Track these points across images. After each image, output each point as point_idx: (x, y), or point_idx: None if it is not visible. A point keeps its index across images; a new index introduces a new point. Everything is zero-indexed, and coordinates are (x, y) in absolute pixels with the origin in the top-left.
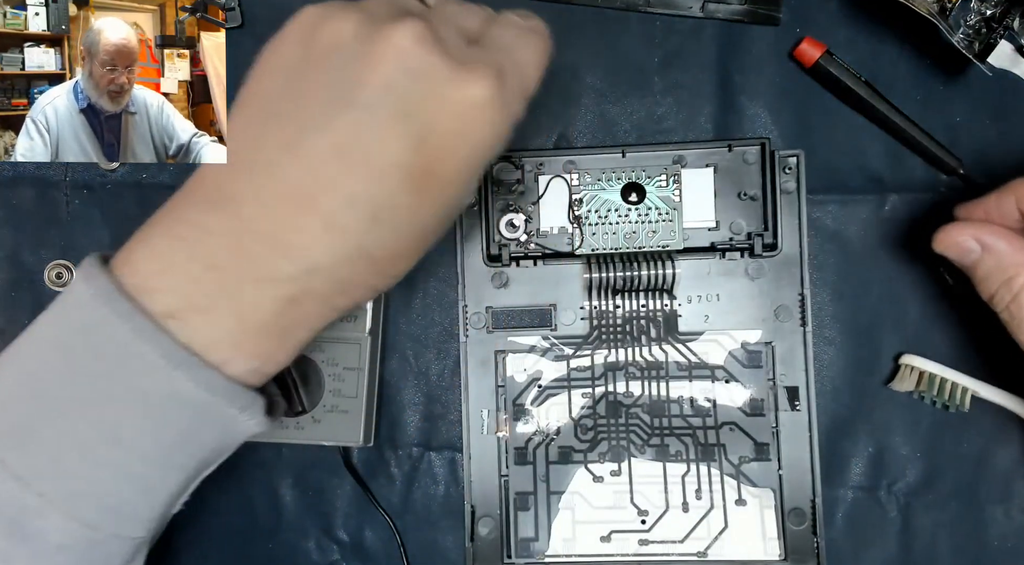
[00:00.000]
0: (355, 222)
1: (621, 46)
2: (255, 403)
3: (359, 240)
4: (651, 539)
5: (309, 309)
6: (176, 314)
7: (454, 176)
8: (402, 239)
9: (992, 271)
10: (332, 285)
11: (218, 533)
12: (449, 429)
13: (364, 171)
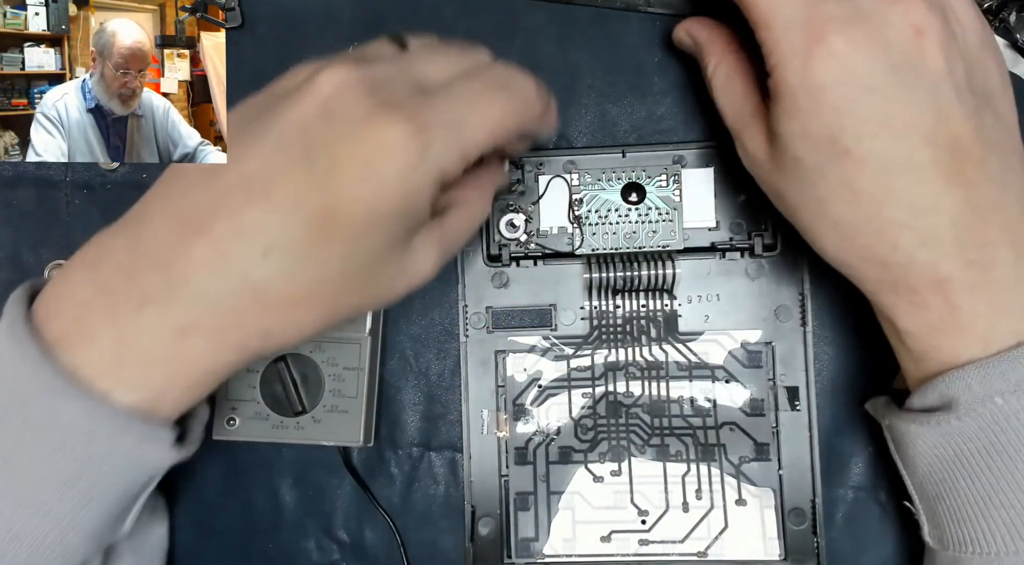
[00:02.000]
0: (243, 252)
1: (621, 46)
2: (155, 435)
3: (245, 272)
4: (651, 539)
5: (197, 344)
6: (64, 340)
7: (357, 222)
8: (296, 282)
9: (702, 62)
10: (218, 318)
11: (218, 533)
12: (449, 429)
13: (262, 203)
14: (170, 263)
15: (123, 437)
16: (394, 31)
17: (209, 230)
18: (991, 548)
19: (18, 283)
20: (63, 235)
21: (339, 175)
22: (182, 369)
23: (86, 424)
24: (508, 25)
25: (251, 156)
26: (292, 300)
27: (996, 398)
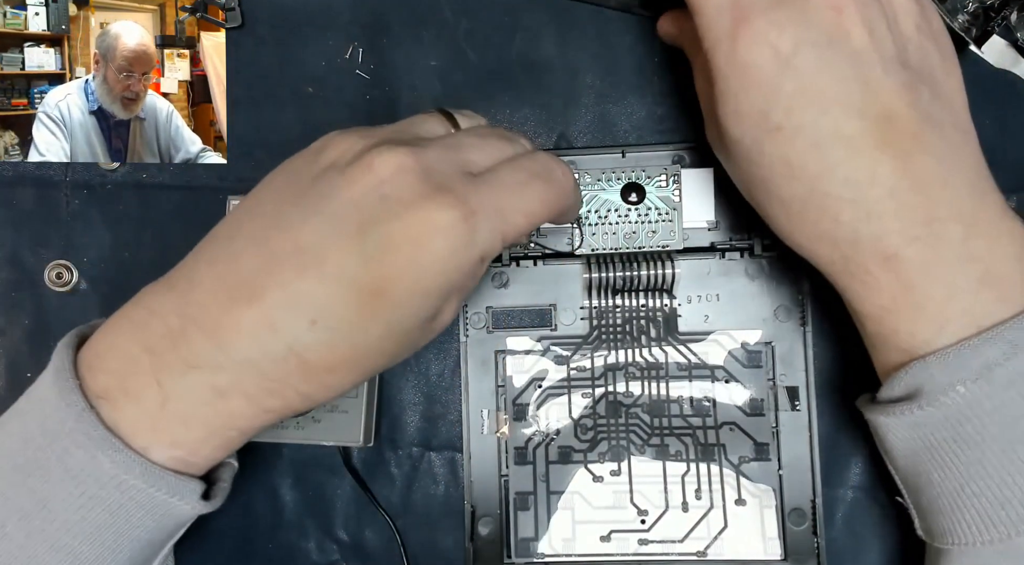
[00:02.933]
0: (292, 322)
1: (621, 46)
2: (185, 489)
3: (292, 341)
4: (651, 539)
5: (237, 406)
6: (107, 395)
7: (404, 298)
8: (339, 350)
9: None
10: (261, 383)
11: (218, 533)
12: (449, 429)
13: (314, 275)
14: (218, 329)
15: (155, 490)
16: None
17: (260, 299)
18: (967, 538)
19: (18, 283)
20: (63, 235)
21: (390, 254)
22: (219, 428)
23: (122, 476)
24: (508, 25)
25: (306, 228)
26: (331, 367)
27: (958, 386)
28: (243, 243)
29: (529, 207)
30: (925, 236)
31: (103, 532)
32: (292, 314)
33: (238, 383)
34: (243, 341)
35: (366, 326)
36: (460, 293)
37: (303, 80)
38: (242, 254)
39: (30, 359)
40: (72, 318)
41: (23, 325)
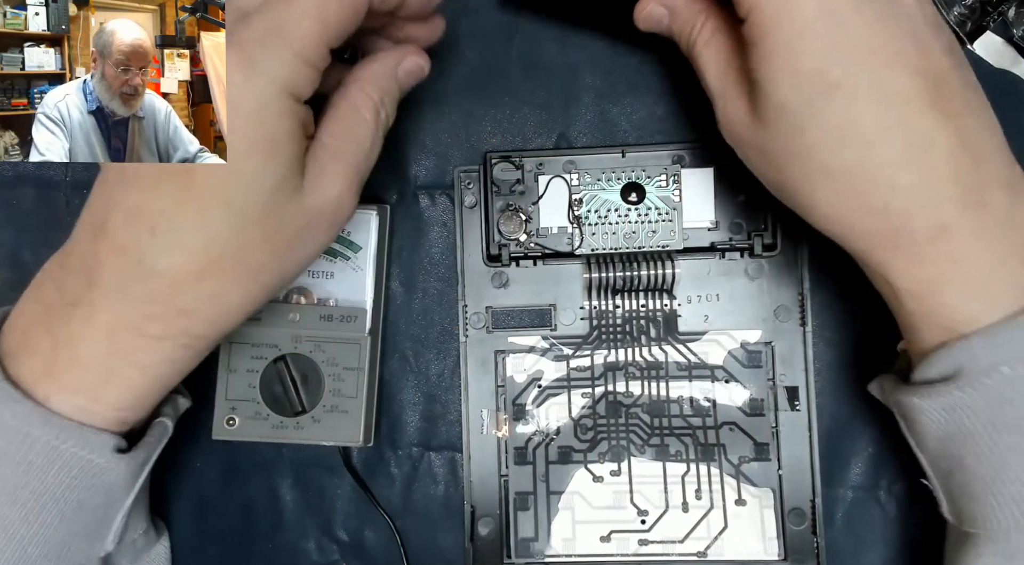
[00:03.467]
0: (135, 238)
1: (621, 46)
2: (93, 440)
3: (141, 256)
4: (651, 539)
5: (124, 339)
6: (12, 352)
7: (219, 167)
8: (188, 251)
9: (681, 31)
10: (136, 308)
11: (218, 533)
12: (449, 429)
13: (137, 186)
14: (86, 266)
15: (62, 441)
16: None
17: (106, 226)
18: (1001, 524)
19: (18, 283)
20: (63, 235)
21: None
22: (115, 367)
23: (25, 427)
24: (508, 25)
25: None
26: (193, 272)
27: (1002, 367)
28: (95, 183)
29: (304, 7)
30: (976, 203)
31: (20, 492)
32: (131, 230)
33: (116, 314)
34: (104, 271)
35: (201, 214)
36: (323, 153)
37: None
38: (94, 193)
39: None
40: None
41: None
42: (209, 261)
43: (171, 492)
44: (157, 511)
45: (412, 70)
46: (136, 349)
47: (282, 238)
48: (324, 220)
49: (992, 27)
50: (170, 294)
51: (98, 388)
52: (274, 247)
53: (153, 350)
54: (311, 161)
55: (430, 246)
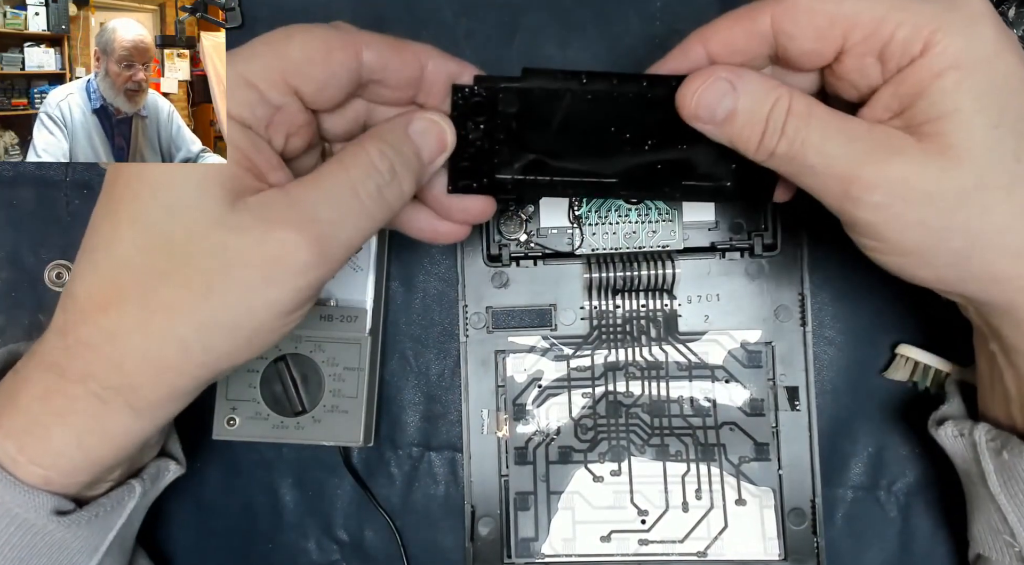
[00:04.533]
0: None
1: (621, 46)
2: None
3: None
4: (651, 539)
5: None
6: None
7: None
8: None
9: (754, 106)
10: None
11: (218, 533)
12: (449, 429)
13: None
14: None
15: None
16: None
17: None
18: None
19: (18, 283)
20: (63, 235)
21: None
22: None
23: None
24: (508, 25)
25: None
26: (101, 301)
27: None
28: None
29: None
30: None
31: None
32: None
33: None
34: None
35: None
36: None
37: None
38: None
39: None
40: None
41: (23, 325)
42: (112, 288)
43: (171, 492)
44: (157, 510)
45: (427, 129)
46: (55, 392)
47: (194, 278)
48: (253, 272)
49: None
50: (77, 323)
51: (22, 436)
52: (184, 286)
53: (66, 394)
54: (256, 201)
55: (430, 246)
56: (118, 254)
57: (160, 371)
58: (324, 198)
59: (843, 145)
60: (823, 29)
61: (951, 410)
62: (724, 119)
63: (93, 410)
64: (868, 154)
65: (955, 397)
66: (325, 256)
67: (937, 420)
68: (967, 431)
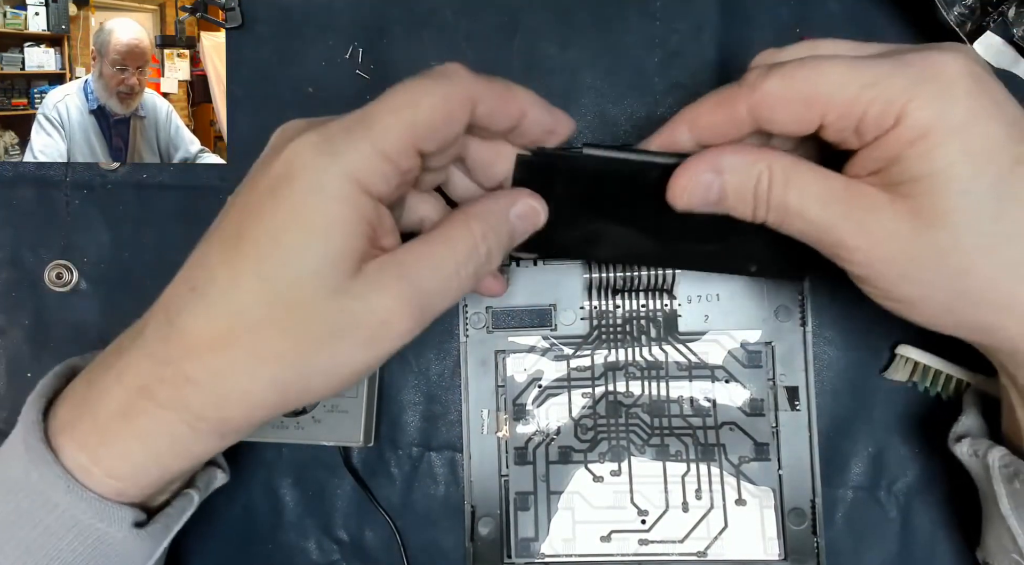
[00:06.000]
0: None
1: (621, 46)
2: (112, 513)
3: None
4: (651, 539)
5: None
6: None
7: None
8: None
9: (741, 185)
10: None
11: (218, 533)
12: (449, 429)
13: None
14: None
15: (81, 511)
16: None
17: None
18: None
19: (18, 283)
20: (63, 235)
21: (252, 196)
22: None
23: (48, 491)
24: (508, 25)
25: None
26: (211, 340)
27: None
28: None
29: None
30: None
31: (33, 554)
32: (178, 284)
33: (136, 371)
34: (147, 325)
35: (235, 282)
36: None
37: (303, 80)
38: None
39: (30, 359)
40: (72, 318)
41: (23, 325)
42: (226, 331)
43: None
44: None
45: (526, 213)
46: (140, 413)
47: (308, 334)
48: (361, 333)
49: (992, 27)
50: (182, 357)
51: (97, 448)
52: (297, 340)
53: (154, 417)
54: (373, 268)
55: None
56: (238, 303)
57: (255, 408)
58: (430, 273)
59: (822, 209)
60: (800, 113)
61: (968, 425)
62: (718, 200)
63: (179, 434)
64: (846, 216)
65: (972, 411)
66: (420, 324)
67: (956, 436)
68: (982, 452)
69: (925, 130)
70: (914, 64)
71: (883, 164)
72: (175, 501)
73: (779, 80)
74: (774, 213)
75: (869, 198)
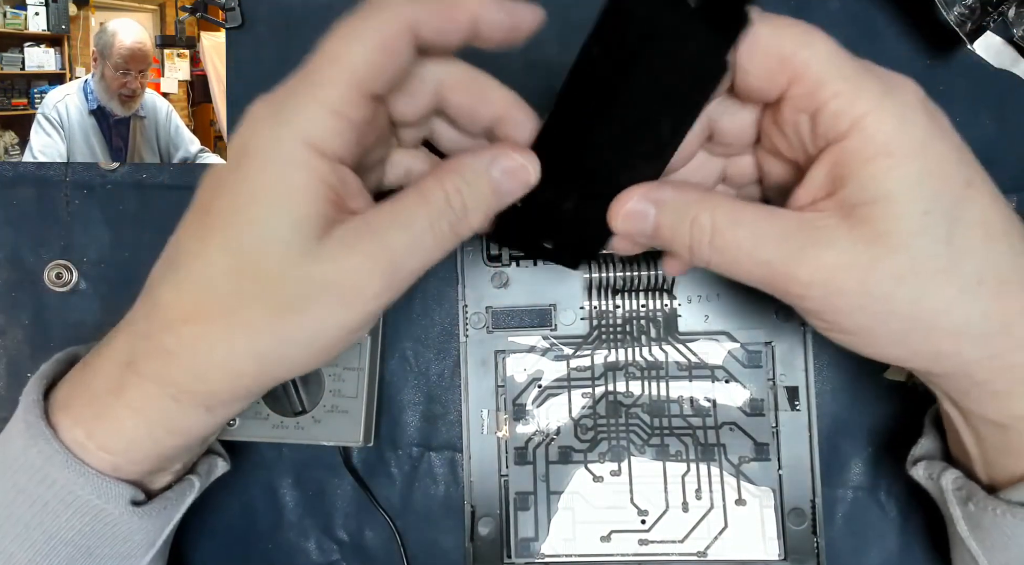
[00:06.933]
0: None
1: None
2: (108, 488)
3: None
4: (651, 539)
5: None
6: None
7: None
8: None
9: (675, 223)
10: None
11: (218, 533)
12: (449, 429)
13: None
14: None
15: (79, 487)
16: None
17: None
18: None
19: (18, 283)
20: (63, 235)
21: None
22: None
23: (46, 467)
24: None
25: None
26: (184, 312)
27: None
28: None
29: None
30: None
31: (32, 531)
32: (160, 264)
33: (122, 346)
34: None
35: (203, 256)
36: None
37: None
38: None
39: (30, 359)
40: (72, 318)
41: (23, 325)
42: (199, 303)
43: None
44: None
45: (512, 169)
46: (129, 387)
47: (278, 301)
48: (332, 296)
49: (992, 27)
50: (161, 331)
51: (92, 423)
52: (267, 308)
53: (141, 390)
54: (339, 231)
55: None
56: (207, 275)
57: (236, 378)
58: (400, 231)
59: (776, 248)
60: (773, 70)
61: (927, 447)
62: (652, 234)
63: (166, 407)
64: (800, 251)
65: (931, 432)
66: (394, 284)
67: (914, 459)
68: (936, 475)
69: (885, 147)
70: (880, 77)
71: (838, 182)
72: (175, 485)
73: (770, 27)
74: (719, 255)
75: (824, 231)
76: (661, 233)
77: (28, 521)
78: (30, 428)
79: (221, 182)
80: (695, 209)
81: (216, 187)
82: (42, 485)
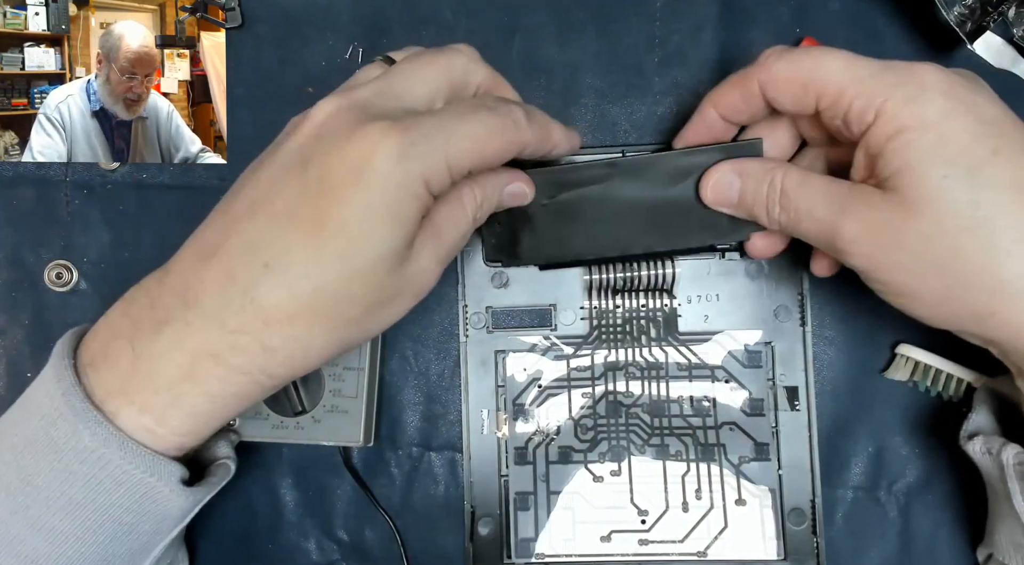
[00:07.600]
0: (247, 268)
1: (621, 46)
2: (163, 469)
3: (249, 287)
4: (651, 539)
5: (203, 365)
6: (92, 363)
7: (347, 226)
8: (295, 293)
9: (755, 188)
10: (224, 337)
11: (218, 533)
12: (449, 429)
13: (263, 218)
14: (187, 287)
15: (134, 466)
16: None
17: (219, 251)
18: None
19: (18, 283)
20: (63, 235)
21: (328, 182)
22: (186, 393)
23: (101, 450)
24: (508, 25)
25: (260, 182)
26: (291, 313)
27: None
28: (214, 213)
29: (473, 132)
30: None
31: (82, 509)
32: (246, 259)
33: (204, 339)
34: (206, 294)
35: (318, 262)
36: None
37: (303, 80)
38: (211, 222)
39: (30, 359)
40: (72, 318)
41: (23, 325)
42: (308, 305)
43: None
44: None
45: (516, 193)
46: (211, 377)
47: (377, 299)
48: (411, 289)
49: (992, 27)
50: (262, 329)
51: (164, 410)
52: (368, 305)
53: (228, 381)
54: (419, 237)
55: None
56: (323, 279)
57: (319, 362)
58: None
59: (827, 207)
60: (798, 94)
61: (979, 423)
62: (737, 202)
63: (248, 392)
64: (845, 211)
65: (982, 408)
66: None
67: (968, 434)
68: (995, 450)
69: (900, 126)
70: (896, 70)
71: (871, 161)
72: (215, 469)
73: (786, 63)
74: (785, 215)
75: (866, 195)
76: (744, 199)
77: (79, 500)
78: (77, 414)
79: (337, 191)
80: (771, 174)
81: (330, 194)
82: (96, 465)
